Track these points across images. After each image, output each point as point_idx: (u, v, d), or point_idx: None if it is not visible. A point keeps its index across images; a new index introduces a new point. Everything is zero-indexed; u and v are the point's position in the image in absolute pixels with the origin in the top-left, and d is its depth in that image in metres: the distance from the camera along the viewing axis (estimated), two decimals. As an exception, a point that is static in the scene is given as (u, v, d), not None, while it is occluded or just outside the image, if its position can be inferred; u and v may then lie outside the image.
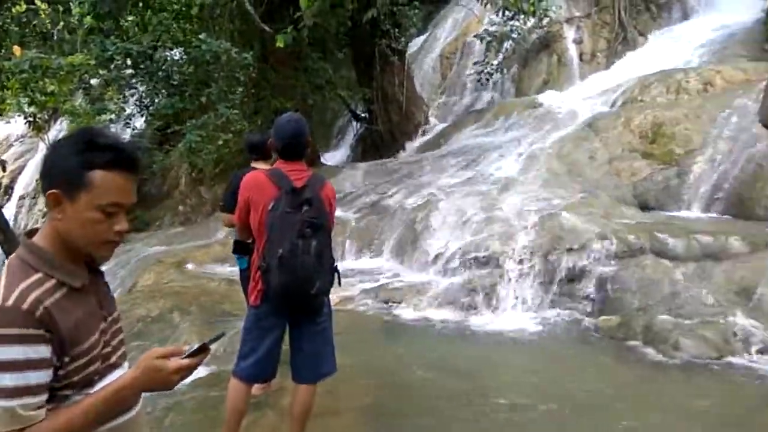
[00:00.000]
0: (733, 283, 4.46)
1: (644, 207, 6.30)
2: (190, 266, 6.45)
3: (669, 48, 10.00)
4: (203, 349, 1.22)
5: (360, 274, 5.79)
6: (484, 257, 5.23)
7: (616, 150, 7.00)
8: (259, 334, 2.58)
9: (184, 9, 9.65)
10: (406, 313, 4.92)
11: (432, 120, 11.76)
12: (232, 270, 5.63)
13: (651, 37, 10.86)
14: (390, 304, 5.03)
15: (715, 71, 7.80)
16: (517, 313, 4.85)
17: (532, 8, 8.28)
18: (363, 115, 12.01)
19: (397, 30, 10.79)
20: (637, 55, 10.43)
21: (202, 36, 8.32)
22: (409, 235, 6.03)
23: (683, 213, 6.07)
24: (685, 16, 11.04)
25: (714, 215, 5.90)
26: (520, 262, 5.08)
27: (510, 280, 5.05)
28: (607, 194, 6.39)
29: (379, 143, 11.38)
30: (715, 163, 6.20)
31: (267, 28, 7.93)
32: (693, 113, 6.88)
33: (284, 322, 2.62)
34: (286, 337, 2.67)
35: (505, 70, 11.56)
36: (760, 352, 3.86)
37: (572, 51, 11.00)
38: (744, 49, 9.10)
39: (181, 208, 11.16)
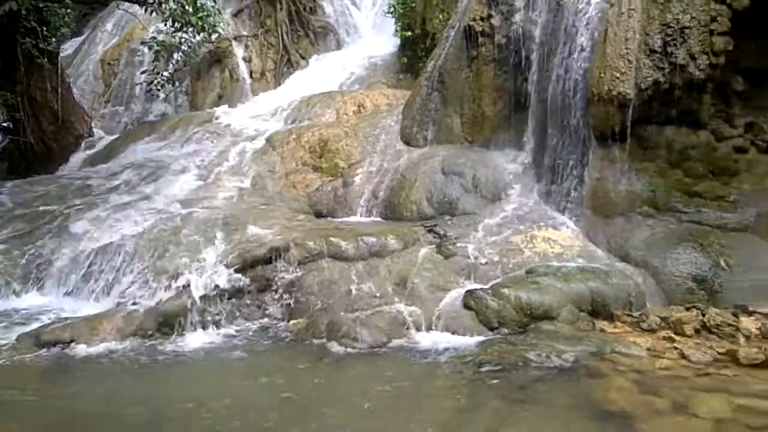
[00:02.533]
0: (393, 275, 5.29)
1: (319, 215, 6.94)
2: None
3: (327, 72, 11.24)
4: None
5: (17, 316, 4.88)
6: (170, 278, 5.00)
7: (292, 164, 7.54)
8: None
9: None
10: (80, 352, 4.35)
11: (97, 132, 10.63)
12: None
13: (311, 61, 12.04)
14: (58, 345, 4.38)
15: (365, 95, 9.10)
16: (208, 331, 4.79)
17: (199, 22, 8.26)
18: (6, 124, 10.08)
19: (45, 29, 9.40)
20: (301, 77, 11.41)
21: None
22: (78, 263, 5.35)
23: (350, 218, 6.89)
24: (339, 46, 12.59)
25: (374, 219, 6.87)
26: (209, 278, 5.03)
27: (199, 298, 4.95)
28: (287, 205, 6.83)
29: (30, 158, 9.72)
30: (371, 174, 7.23)
31: None
32: (352, 131, 7.88)
33: None
34: None
35: (177, 83, 11.23)
36: (418, 330, 4.66)
37: (243, 68, 11.38)
38: (384, 77, 10.87)
39: None
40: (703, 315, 4.52)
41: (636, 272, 5.10)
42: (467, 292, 4.97)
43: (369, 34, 12.87)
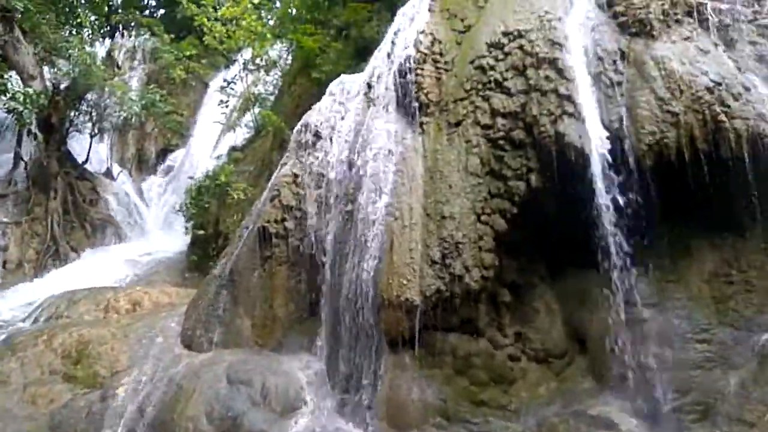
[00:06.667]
0: None
1: (62, 439, 5.50)
2: None
3: (102, 266, 10.18)
4: None
5: None
6: None
7: (35, 373, 6.12)
8: None
9: None
10: None
11: None
12: None
13: (84, 254, 10.93)
14: None
15: (143, 292, 8.23)
16: None
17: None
18: None
19: None
20: (68, 270, 10.19)
21: None
22: None
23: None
24: (119, 240, 11.72)
25: (137, 441, 5.64)
26: None
27: None
28: (19, 427, 5.32)
29: None
30: (140, 384, 6.12)
31: None
32: (121, 332, 6.83)
33: None
34: None
35: None
36: None
37: (-5, 256, 9.75)
38: (169, 275, 10.15)
39: None
40: None
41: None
42: None
43: (156, 231, 12.30)
